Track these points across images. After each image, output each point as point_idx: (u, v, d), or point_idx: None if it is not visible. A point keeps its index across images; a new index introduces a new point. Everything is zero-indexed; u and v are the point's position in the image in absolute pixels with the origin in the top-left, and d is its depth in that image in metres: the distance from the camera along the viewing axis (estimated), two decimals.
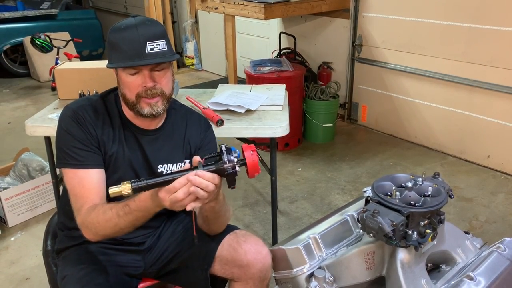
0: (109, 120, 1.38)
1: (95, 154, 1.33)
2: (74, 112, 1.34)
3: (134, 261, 1.47)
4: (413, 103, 3.71)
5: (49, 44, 5.17)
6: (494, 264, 1.20)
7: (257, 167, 1.10)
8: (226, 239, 1.39)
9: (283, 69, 3.58)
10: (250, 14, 3.38)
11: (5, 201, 2.65)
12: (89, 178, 1.30)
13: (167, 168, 1.44)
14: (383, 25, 3.72)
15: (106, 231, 1.25)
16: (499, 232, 2.58)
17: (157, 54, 1.27)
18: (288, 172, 3.35)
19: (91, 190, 1.29)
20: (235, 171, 1.09)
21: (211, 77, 5.81)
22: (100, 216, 1.23)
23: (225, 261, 1.37)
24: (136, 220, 1.21)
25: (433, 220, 1.17)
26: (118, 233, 1.26)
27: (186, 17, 6.04)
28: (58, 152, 1.33)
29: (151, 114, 1.33)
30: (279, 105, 2.26)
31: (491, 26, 3.06)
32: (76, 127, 1.32)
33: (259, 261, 1.34)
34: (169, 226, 1.54)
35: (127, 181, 1.09)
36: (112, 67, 1.31)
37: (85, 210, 1.26)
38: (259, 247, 1.37)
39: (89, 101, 1.39)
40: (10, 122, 4.39)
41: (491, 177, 3.22)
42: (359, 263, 1.23)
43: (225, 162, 1.09)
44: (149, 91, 1.30)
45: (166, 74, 1.33)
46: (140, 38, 1.26)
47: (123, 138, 1.38)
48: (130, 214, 1.20)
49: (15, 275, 2.32)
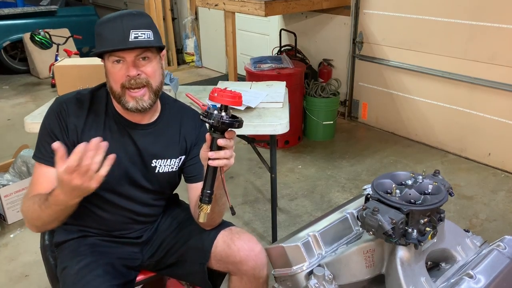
0: (94, 115, 1.36)
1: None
2: (59, 105, 1.35)
3: (132, 253, 1.48)
4: (413, 100, 3.71)
5: (48, 40, 5.16)
6: (494, 262, 1.19)
7: (234, 98, 1.10)
8: (221, 235, 1.41)
9: (284, 66, 3.57)
10: (250, 11, 3.37)
11: (4, 198, 2.64)
12: (48, 175, 1.31)
13: (160, 164, 1.43)
14: (384, 22, 3.71)
15: (34, 222, 1.28)
16: (499, 230, 2.58)
17: (141, 43, 1.26)
18: (288, 170, 3.35)
19: (43, 184, 1.31)
20: (226, 119, 1.10)
21: (211, 74, 5.80)
22: (30, 206, 1.27)
23: (219, 257, 1.39)
24: (56, 213, 1.22)
25: (433, 218, 1.17)
26: (46, 226, 1.29)
27: (186, 14, 6.03)
28: (36, 143, 1.36)
29: (136, 109, 1.31)
30: (279, 102, 2.26)
31: (492, 24, 3.05)
32: (55, 121, 1.33)
33: (251, 259, 1.36)
34: (166, 220, 1.55)
35: (200, 204, 1.15)
36: (95, 52, 1.31)
37: (26, 198, 1.31)
38: (252, 244, 1.38)
39: (78, 94, 1.39)
40: (9, 119, 4.39)
41: (492, 175, 3.22)
42: (358, 261, 1.22)
43: (216, 123, 1.10)
44: (133, 81, 1.28)
45: (152, 64, 1.31)
46: (124, 26, 1.25)
47: (109, 132, 1.36)
48: (49, 208, 1.21)
49: (14, 272, 2.32)
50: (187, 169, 1.47)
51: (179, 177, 1.51)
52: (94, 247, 1.42)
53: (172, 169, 1.45)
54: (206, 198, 1.15)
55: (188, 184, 1.49)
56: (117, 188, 1.39)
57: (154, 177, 1.43)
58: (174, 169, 1.45)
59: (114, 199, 1.40)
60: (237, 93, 1.11)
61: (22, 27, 5.68)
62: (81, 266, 1.26)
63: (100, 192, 1.36)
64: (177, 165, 1.46)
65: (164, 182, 1.46)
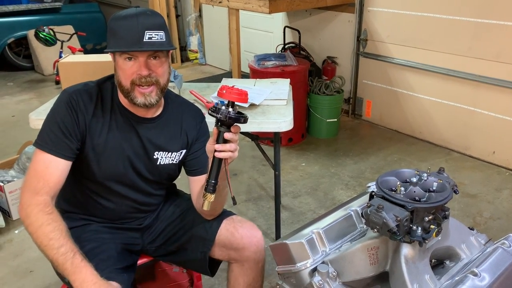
0: (101, 106, 1.39)
1: (71, 145, 1.33)
2: (68, 96, 1.35)
3: (133, 238, 1.54)
4: (418, 98, 3.69)
5: (53, 37, 5.17)
6: (498, 260, 1.19)
7: (240, 95, 1.18)
8: (224, 224, 1.49)
9: (287, 63, 3.56)
10: (254, 8, 3.37)
11: (9, 194, 2.66)
12: (56, 164, 1.31)
13: (162, 156, 1.47)
14: (388, 20, 3.70)
15: (32, 236, 1.26)
16: (503, 228, 2.57)
17: (155, 44, 1.29)
18: (291, 167, 3.34)
19: (53, 175, 1.30)
20: (233, 114, 1.17)
21: (214, 71, 5.80)
22: (45, 226, 1.24)
23: (223, 244, 1.48)
24: (57, 264, 1.22)
25: (438, 215, 1.16)
26: (37, 245, 1.26)
27: (190, 11, 6.02)
28: (40, 131, 1.35)
29: (144, 104, 1.35)
30: (283, 99, 2.25)
31: (497, 21, 3.03)
32: (66, 112, 1.33)
33: (253, 244, 1.47)
34: (168, 208, 1.61)
35: (204, 193, 1.22)
36: (110, 51, 1.33)
37: (43, 202, 1.27)
38: (254, 231, 1.49)
39: (86, 86, 1.41)
40: (14, 116, 4.40)
41: (496, 173, 3.20)
42: (362, 258, 1.22)
43: (223, 118, 1.17)
44: (144, 79, 1.32)
45: (163, 65, 1.35)
46: (139, 26, 1.27)
47: (115, 124, 1.40)
48: (59, 264, 1.22)
49: (19, 268, 2.33)
50: (189, 163, 1.53)
51: (179, 170, 1.56)
52: (97, 233, 1.46)
53: (173, 162, 1.50)
54: (210, 188, 1.22)
55: (190, 177, 1.53)
56: (123, 178, 1.43)
57: (156, 169, 1.48)
58: (175, 162, 1.50)
59: (120, 189, 1.45)
60: (243, 91, 1.19)
61: (27, 24, 5.69)
62: (85, 251, 1.28)
63: (108, 183, 1.42)
64: (178, 158, 1.51)
65: (165, 174, 1.51)
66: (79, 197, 1.47)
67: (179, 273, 1.92)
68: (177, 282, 1.88)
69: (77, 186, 1.45)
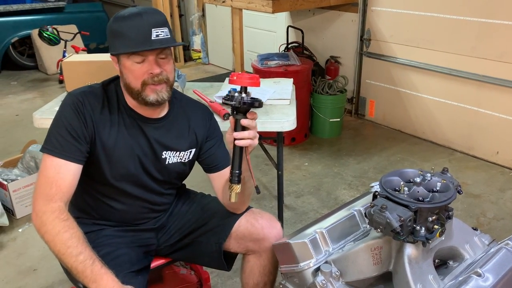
0: (108, 107, 1.38)
1: (80, 148, 1.31)
2: (75, 99, 1.34)
3: (148, 239, 1.53)
4: (421, 98, 3.69)
5: (56, 37, 5.18)
6: (502, 261, 1.19)
7: (252, 79, 1.17)
8: (244, 216, 1.50)
9: (291, 63, 3.56)
10: (257, 8, 3.36)
11: (13, 192, 2.67)
12: (67, 168, 1.29)
13: (170, 155, 1.46)
14: (391, 19, 3.69)
15: (49, 244, 1.23)
16: (507, 229, 2.56)
17: (162, 41, 1.28)
18: (294, 167, 3.34)
19: (65, 179, 1.27)
20: (247, 99, 1.17)
21: (218, 71, 5.80)
22: (62, 234, 1.22)
23: (242, 235, 1.48)
24: (77, 271, 1.20)
25: (441, 215, 1.16)
26: (54, 254, 1.24)
27: (193, 11, 6.03)
28: (47, 136, 1.32)
29: (156, 101, 1.33)
30: (286, 99, 2.25)
31: (501, 21, 3.02)
32: (73, 115, 1.31)
33: (273, 235, 1.47)
34: (182, 205, 1.61)
35: (229, 184, 1.21)
36: (119, 53, 1.30)
37: (58, 208, 1.24)
38: (274, 222, 1.50)
39: (91, 88, 1.40)
40: (17, 115, 4.42)
41: (500, 173, 3.19)
42: (366, 258, 1.22)
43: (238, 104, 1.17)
44: (156, 78, 1.31)
45: (169, 61, 1.34)
46: (146, 25, 1.26)
47: (123, 124, 1.39)
48: (83, 266, 1.20)
49: (22, 266, 2.34)
50: (206, 161, 1.52)
51: (190, 168, 1.55)
52: (111, 238, 1.45)
53: (181, 161, 1.49)
54: (235, 178, 1.21)
55: (210, 174, 1.53)
56: (134, 178, 1.43)
57: (165, 168, 1.47)
58: (184, 161, 1.50)
59: (132, 190, 1.44)
60: (255, 75, 1.18)
61: (30, 23, 5.70)
62: (100, 256, 1.26)
63: (119, 184, 1.41)
64: (187, 157, 1.50)
65: (174, 173, 1.51)
66: (90, 201, 1.46)
67: (187, 275, 1.91)
68: (185, 284, 1.87)
69: (87, 191, 1.43)
